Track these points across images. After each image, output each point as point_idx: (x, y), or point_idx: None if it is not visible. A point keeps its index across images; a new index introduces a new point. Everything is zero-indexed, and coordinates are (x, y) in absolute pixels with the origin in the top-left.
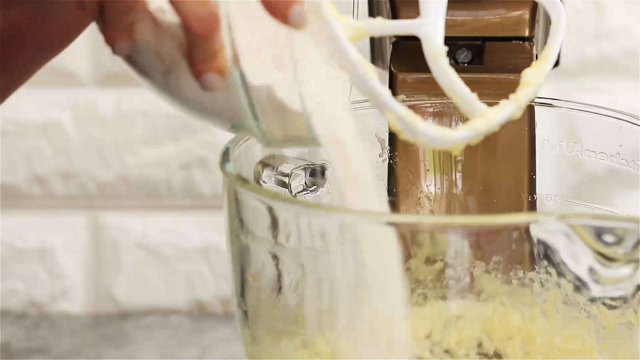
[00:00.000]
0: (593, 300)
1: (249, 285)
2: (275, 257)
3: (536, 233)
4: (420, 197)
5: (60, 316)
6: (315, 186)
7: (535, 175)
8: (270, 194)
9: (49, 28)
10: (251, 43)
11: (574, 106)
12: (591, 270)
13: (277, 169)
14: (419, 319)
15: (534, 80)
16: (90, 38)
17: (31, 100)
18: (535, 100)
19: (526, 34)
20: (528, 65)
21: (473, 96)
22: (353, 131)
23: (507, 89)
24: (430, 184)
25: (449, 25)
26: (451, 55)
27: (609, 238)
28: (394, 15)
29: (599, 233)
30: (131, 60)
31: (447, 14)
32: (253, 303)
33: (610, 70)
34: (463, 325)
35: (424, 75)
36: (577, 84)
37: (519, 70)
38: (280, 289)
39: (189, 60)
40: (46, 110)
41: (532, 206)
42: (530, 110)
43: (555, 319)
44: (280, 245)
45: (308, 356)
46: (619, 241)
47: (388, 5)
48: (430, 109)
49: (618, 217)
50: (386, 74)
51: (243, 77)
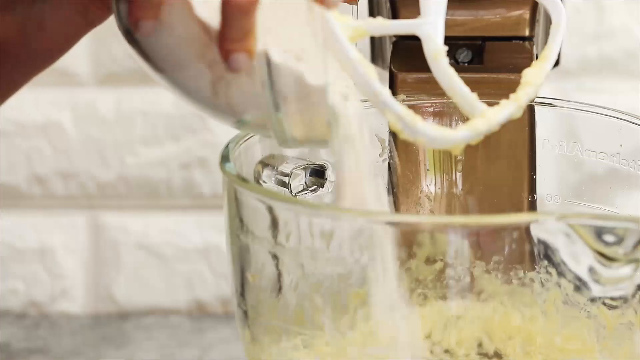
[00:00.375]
0: (593, 300)
1: (249, 285)
2: (275, 257)
3: (536, 233)
4: (420, 197)
5: (60, 316)
6: (315, 186)
7: (535, 175)
8: (270, 193)
9: (43, 38)
10: (280, 29)
11: (574, 106)
12: (591, 270)
13: (277, 168)
14: (419, 319)
15: (534, 80)
16: (90, 38)
17: (31, 100)
18: (535, 100)
19: (526, 33)
20: (528, 65)
21: (473, 96)
22: (367, 129)
23: (507, 89)
24: (430, 184)
25: (449, 25)
26: (451, 55)
27: (609, 238)
28: (394, 15)
29: (599, 233)
30: (146, 46)
31: (447, 14)
32: (253, 303)
33: (610, 70)
34: (463, 325)
35: (424, 75)
36: (577, 84)
37: (519, 70)
38: (280, 288)
39: (220, 38)
40: (46, 110)
41: (532, 206)
42: (530, 110)
43: (556, 319)
44: (280, 245)
45: (308, 356)
46: (619, 241)
47: (388, 5)
48: (431, 109)
49: (618, 217)
50: (386, 74)
51: (269, 61)
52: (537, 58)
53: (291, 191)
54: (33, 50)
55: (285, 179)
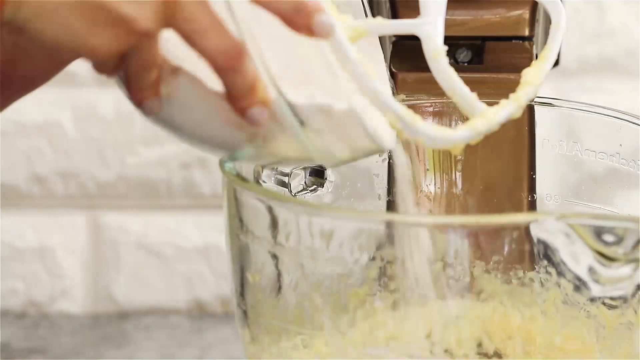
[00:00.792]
0: (593, 300)
1: (248, 285)
2: (274, 257)
3: (536, 233)
4: (420, 197)
5: (60, 316)
6: (314, 186)
7: (535, 174)
8: (270, 193)
9: (30, 65)
10: (283, 64)
11: (574, 106)
12: (591, 269)
13: (277, 168)
14: (419, 319)
15: (534, 79)
16: None
17: (31, 100)
18: (535, 100)
19: (526, 33)
20: (528, 64)
21: (473, 96)
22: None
23: (507, 89)
24: (430, 184)
25: (448, 24)
26: (451, 54)
27: (608, 238)
28: (394, 15)
29: (598, 233)
30: (166, 120)
31: (447, 14)
32: (253, 302)
33: (610, 69)
34: (463, 325)
35: (424, 75)
36: (577, 84)
37: (519, 69)
38: (279, 288)
39: (229, 100)
40: (46, 110)
41: (532, 206)
42: (530, 109)
43: (555, 319)
44: (280, 245)
45: (307, 356)
46: (619, 241)
47: (388, 5)
48: (430, 109)
49: (618, 217)
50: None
51: (288, 102)
52: (537, 58)
53: (291, 191)
54: (19, 77)
55: (285, 179)
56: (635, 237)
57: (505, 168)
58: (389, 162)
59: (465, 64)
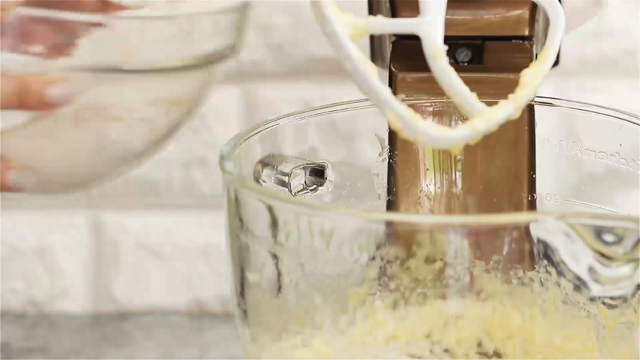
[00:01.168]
0: (593, 299)
1: (248, 285)
2: (275, 257)
3: (536, 232)
4: (420, 197)
5: (60, 315)
6: (315, 185)
7: (535, 174)
8: (270, 193)
9: None
10: None
11: (574, 105)
12: (591, 269)
13: (277, 168)
14: (418, 318)
15: (533, 80)
16: None
17: None
18: (535, 100)
19: (526, 33)
20: (528, 64)
21: (472, 95)
22: None
23: (507, 89)
24: (430, 183)
25: (448, 24)
26: (451, 54)
27: (608, 237)
28: (394, 14)
29: (598, 232)
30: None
31: (447, 13)
32: (253, 302)
33: (610, 69)
34: (463, 324)
35: (423, 75)
36: (577, 84)
37: (518, 69)
38: (280, 288)
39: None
40: None
41: (532, 205)
42: (530, 109)
43: (555, 319)
44: (280, 245)
45: (307, 355)
46: (619, 240)
47: (388, 4)
48: (430, 108)
49: (618, 217)
50: (386, 73)
51: None
52: (537, 58)
53: (291, 191)
54: None
55: (285, 179)
56: (635, 237)
57: (505, 168)
58: (389, 162)
59: (465, 64)
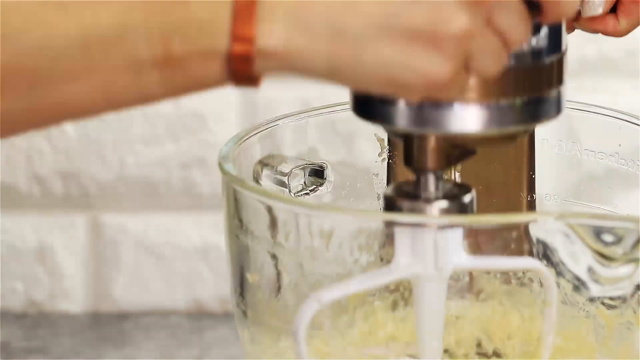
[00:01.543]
0: (592, 299)
1: (248, 285)
2: (274, 257)
3: (535, 232)
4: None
5: (59, 316)
6: (314, 186)
7: (534, 174)
8: (270, 193)
9: None
10: None
11: (573, 106)
12: (590, 269)
13: (277, 168)
14: None
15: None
16: None
17: None
18: None
19: None
20: None
21: None
22: None
23: None
24: None
25: None
26: None
27: (608, 237)
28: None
29: (598, 232)
30: None
31: None
32: (252, 303)
33: (610, 69)
34: (462, 324)
35: None
36: (577, 84)
37: None
38: (279, 288)
39: None
40: None
41: (531, 206)
42: None
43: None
44: (280, 245)
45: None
46: (618, 241)
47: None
48: None
49: (617, 217)
50: None
51: None
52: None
53: (290, 191)
54: None
55: (285, 179)
56: (634, 237)
57: (505, 168)
58: (388, 162)
59: None
